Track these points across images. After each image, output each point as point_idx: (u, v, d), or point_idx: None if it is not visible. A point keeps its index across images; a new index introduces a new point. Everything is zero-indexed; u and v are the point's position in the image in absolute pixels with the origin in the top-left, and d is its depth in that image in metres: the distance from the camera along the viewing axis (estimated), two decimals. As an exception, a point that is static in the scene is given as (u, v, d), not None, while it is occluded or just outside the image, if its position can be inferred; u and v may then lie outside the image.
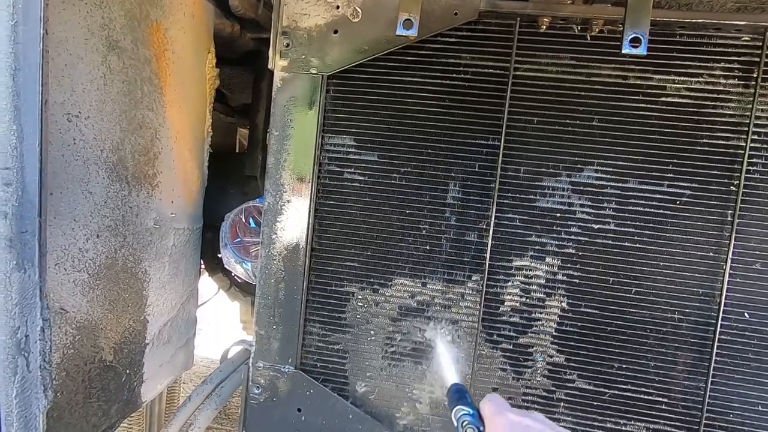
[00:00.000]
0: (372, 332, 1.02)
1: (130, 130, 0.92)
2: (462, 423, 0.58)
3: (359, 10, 0.95)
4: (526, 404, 0.98)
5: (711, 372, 0.91)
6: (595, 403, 0.96)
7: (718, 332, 0.90)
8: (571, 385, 0.97)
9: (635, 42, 0.71)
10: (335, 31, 0.96)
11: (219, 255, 1.51)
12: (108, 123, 0.86)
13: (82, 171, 0.81)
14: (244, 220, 1.19)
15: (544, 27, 0.92)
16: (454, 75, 0.96)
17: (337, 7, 0.96)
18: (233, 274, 1.59)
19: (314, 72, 0.98)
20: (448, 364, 0.76)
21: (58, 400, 0.80)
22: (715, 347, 0.90)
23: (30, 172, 0.59)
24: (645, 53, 0.72)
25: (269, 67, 1.00)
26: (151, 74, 0.97)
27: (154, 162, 1.01)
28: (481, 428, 0.57)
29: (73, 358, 0.83)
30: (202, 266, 1.77)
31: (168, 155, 1.05)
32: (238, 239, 1.20)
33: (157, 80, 0.99)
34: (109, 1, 0.83)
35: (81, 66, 0.78)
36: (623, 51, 0.72)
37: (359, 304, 1.02)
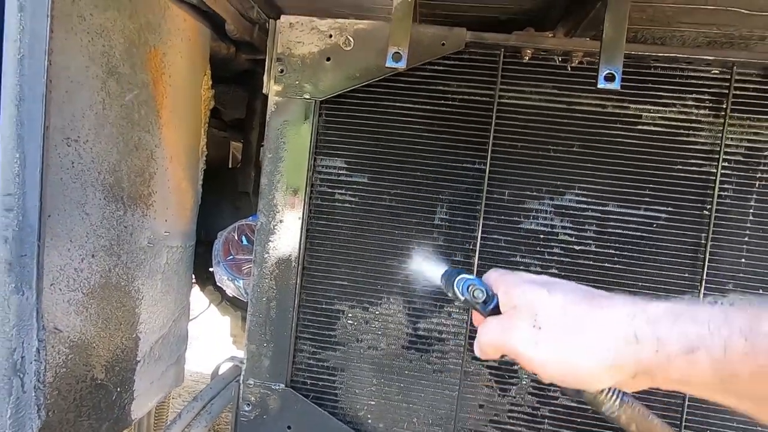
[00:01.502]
0: (361, 350, 1.04)
1: (127, 152, 0.95)
2: (467, 287, 0.51)
3: (351, 39, 0.99)
4: (512, 421, 1.00)
5: (687, 396, 0.94)
6: (578, 420, 0.99)
7: (694, 350, 0.94)
8: (555, 402, 0.99)
9: (609, 77, 0.76)
10: (328, 59, 1.00)
11: (211, 269, 1.53)
12: (106, 146, 0.88)
13: (79, 193, 0.83)
14: (236, 237, 1.22)
15: (527, 58, 0.97)
16: (442, 101, 1.01)
17: (330, 36, 1.00)
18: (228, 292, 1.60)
19: (307, 97, 1.01)
20: (429, 265, 0.65)
21: (50, 419, 0.80)
22: (692, 365, 0.94)
23: (31, 198, 0.61)
24: (619, 88, 0.77)
25: (264, 91, 1.03)
26: (148, 97, 1.00)
27: (150, 182, 1.03)
28: (491, 291, 0.50)
29: (65, 377, 0.84)
30: (194, 281, 1.78)
31: (163, 175, 1.08)
32: (231, 257, 1.22)
33: (153, 103, 1.02)
34: (110, 30, 0.86)
35: (81, 92, 0.80)
36: (598, 86, 0.76)
37: (349, 322, 1.04)
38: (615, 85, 0.75)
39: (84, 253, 0.85)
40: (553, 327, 0.43)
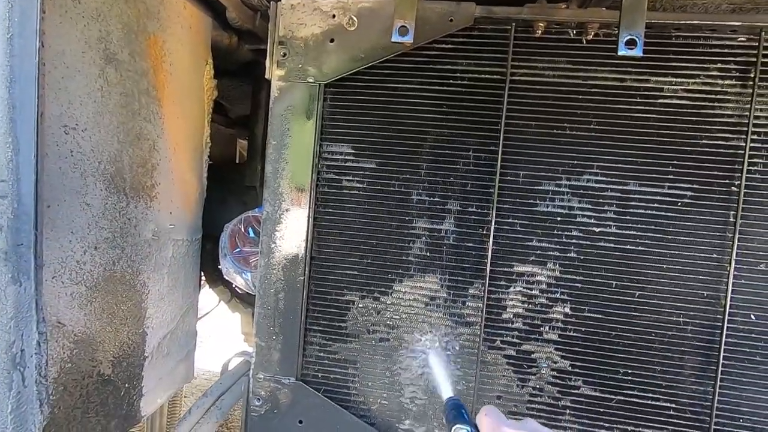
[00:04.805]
0: (373, 341, 1.01)
1: (128, 142, 0.92)
2: None
3: (355, 18, 0.95)
4: (531, 412, 0.96)
5: (719, 376, 0.89)
6: (601, 410, 0.94)
7: (724, 335, 0.89)
8: (576, 391, 0.95)
9: (631, 44, 0.71)
10: (331, 40, 0.97)
11: (219, 266, 1.50)
12: (105, 135, 0.86)
13: (79, 183, 0.80)
14: (243, 230, 1.19)
15: (540, 32, 0.92)
16: (451, 81, 0.97)
17: (333, 16, 0.97)
18: (234, 286, 1.58)
19: (311, 81, 0.98)
20: (442, 378, 0.76)
21: (56, 415, 0.78)
22: (722, 350, 0.89)
23: (26, 185, 0.59)
24: (641, 55, 0.72)
25: (266, 76, 1.00)
26: (148, 86, 0.97)
27: (152, 173, 1.01)
28: None
29: (70, 373, 0.82)
30: (203, 278, 1.77)
31: (166, 166, 1.05)
32: (238, 249, 1.19)
33: (154, 92, 1.00)
34: (107, 15, 0.84)
35: (78, 78, 0.78)
36: (619, 53, 0.72)
37: (360, 312, 1.01)
38: (637, 52, 0.71)
39: (86, 245, 0.83)
40: None
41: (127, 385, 0.98)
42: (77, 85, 0.78)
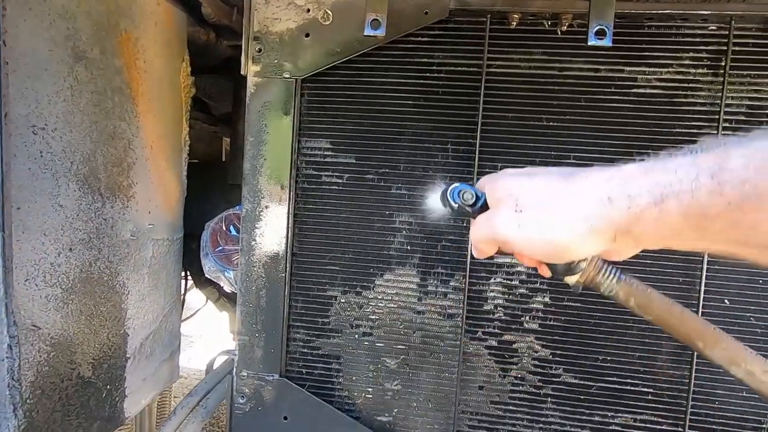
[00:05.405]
0: (356, 336, 1.01)
1: (102, 141, 0.91)
2: (458, 193, 0.51)
3: (330, 12, 0.94)
4: (513, 401, 0.97)
5: (694, 360, 0.91)
6: (582, 397, 0.96)
7: (699, 320, 0.90)
8: (557, 379, 0.96)
9: (600, 34, 0.71)
10: (307, 35, 0.96)
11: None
12: (77, 134, 0.85)
13: (51, 184, 0.79)
14: (224, 228, 1.18)
15: (515, 23, 0.92)
16: (428, 74, 0.96)
17: (308, 10, 0.96)
18: (221, 284, 1.57)
19: (287, 76, 0.97)
20: (433, 195, 0.67)
21: (34, 419, 0.78)
22: (698, 335, 0.90)
23: (-10, 186, 0.58)
24: (610, 44, 0.73)
25: (242, 72, 0.99)
26: (121, 84, 0.96)
27: (129, 172, 0.99)
28: (479, 193, 0.50)
29: (48, 376, 0.81)
30: (191, 279, 1.75)
31: (143, 165, 1.04)
32: (220, 248, 1.19)
33: (128, 90, 0.98)
34: (75, 12, 0.82)
35: (46, 77, 0.77)
36: (589, 43, 0.72)
37: (342, 308, 1.01)
38: (606, 42, 0.71)
39: (60, 247, 0.82)
40: (533, 207, 0.43)
41: (109, 386, 0.98)
42: (45, 84, 0.77)
